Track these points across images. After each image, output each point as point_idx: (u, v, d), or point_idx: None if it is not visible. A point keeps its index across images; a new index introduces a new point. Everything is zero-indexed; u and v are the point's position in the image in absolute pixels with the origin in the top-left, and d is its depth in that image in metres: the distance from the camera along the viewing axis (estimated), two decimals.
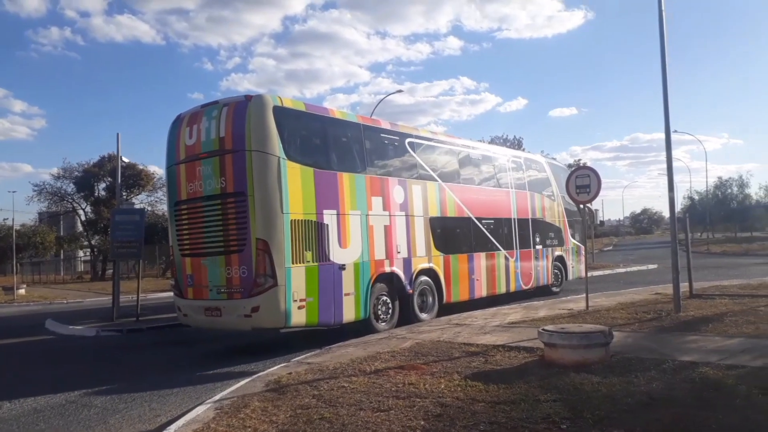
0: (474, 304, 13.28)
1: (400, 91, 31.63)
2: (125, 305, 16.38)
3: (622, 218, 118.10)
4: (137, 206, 36.52)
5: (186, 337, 12.06)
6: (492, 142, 45.77)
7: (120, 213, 15.18)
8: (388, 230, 11.12)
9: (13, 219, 36.21)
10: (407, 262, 11.49)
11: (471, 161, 14.26)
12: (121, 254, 14.81)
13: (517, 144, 48.07)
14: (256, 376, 7.34)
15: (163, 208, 40.29)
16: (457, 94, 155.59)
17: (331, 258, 9.81)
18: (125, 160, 27.84)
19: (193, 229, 9.84)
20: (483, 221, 13.97)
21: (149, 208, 40.73)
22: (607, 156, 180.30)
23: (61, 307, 20.66)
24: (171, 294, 11.13)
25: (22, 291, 26.26)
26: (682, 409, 4.90)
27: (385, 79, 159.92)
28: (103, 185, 41.56)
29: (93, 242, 42.51)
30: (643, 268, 26.35)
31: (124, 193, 39.04)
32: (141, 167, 41.32)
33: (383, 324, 10.78)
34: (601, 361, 6.50)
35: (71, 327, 13.82)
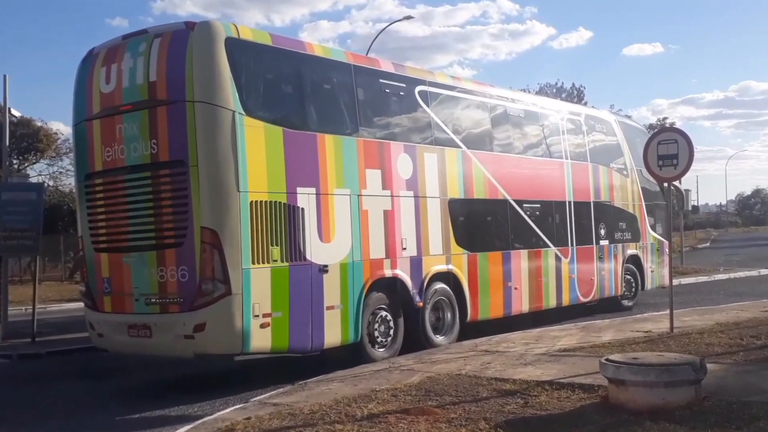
0: (511, 322, 13.32)
1: (409, 17, 31.24)
2: (16, 320, 16.42)
3: (724, 203, 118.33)
4: (33, 179, 36.59)
5: (102, 366, 12.09)
6: (541, 92, 45.72)
7: (8, 189, 15.18)
8: (389, 217, 11.13)
9: None
10: (416, 263, 11.52)
11: (509, 120, 14.23)
12: (10, 248, 14.82)
13: (576, 95, 47.96)
14: (200, 422, 7.35)
15: (69, 182, 40.31)
16: (492, 23, 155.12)
17: (308, 256, 9.83)
18: (16, 113, 27.78)
19: (112, 214, 9.83)
20: (525, 205, 13.97)
21: (50, 183, 40.81)
22: (704, 113, 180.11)
23: None
24: (81, 305, 11.16)
25: None
26: None
27: (389, 0, 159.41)
28: None
29: None
30: (754, 273, 26.37)
31: (14, 161, 39.05)
32: (39, 124, 41.35)
33: (382, 350, 10.83)
34: (689, 405, 6.52)
35: None
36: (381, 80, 11.68)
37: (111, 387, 10.60)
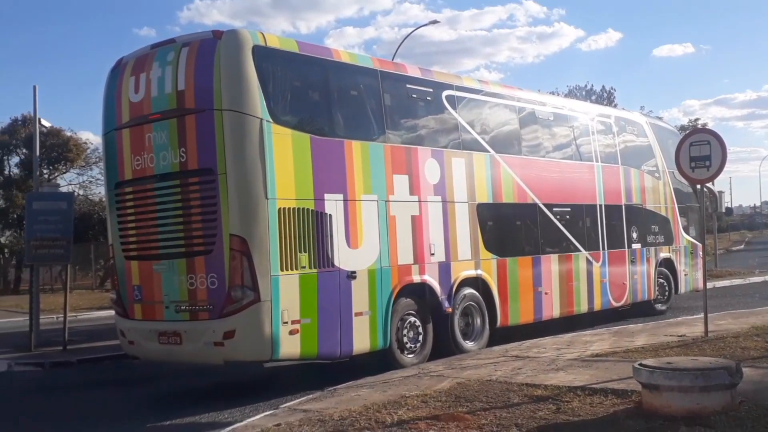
0: (541, 328, 13.28)
1: (435, 22, 31.47)
2: (48, 328, 16.65)
3: (758, 204, 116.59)
4: (64, 189, 37.03)
5: (133, 374, 12.26)
6: (570, 94, 45.56)
7: (39, 199, 15.40)
8: (416, 223, 11.15)
9: None
10: (445, 269, 11.52)
11: (538, 122, 14.21)
12: (41, 257, 15.02)
13: (606, 97, 47.75)
14: (230, 428, 7.42)
15: (99, 191, 40.81)
16: (520, 26, 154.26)
17: (336, 262, 9.88)
18: (46, 123, 28.09)
19: (142, 222, 9.96)
20: (555, 209, 13.92)
21: (80, 192, 41.24)
22: (737, 114, 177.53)
23: None
24: (111, 313, 11.30)
25: None
26: None
27: (415, 5, 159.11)
28: (15, 159, 42.22)
29: (2, 240, 43.30)
30: None
31: (45, 171, 39.57)
32: (69, 134, 41.76)
33: (411, 356, 10.85)
34: (724, 410, 6.46)
35: None
36: (408, 85, 11.71)
37: (142, 394, 10.74)
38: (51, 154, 40.41)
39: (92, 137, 43.91)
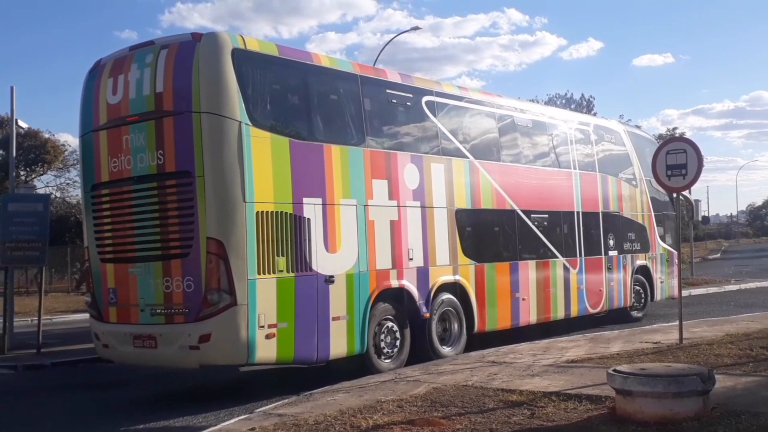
0: (518, 333, 13.33)
1: (417, 28, 31.39)
2: (22, 331, 16.50)
3: (734, 213, 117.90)
4: (41, 191, 36.76)
5: (107, 377, 12.17)
6: (550, 102, 45.82)
7: (15, 200, 15.25)
8: (395, 228, 11.17)
9: None
10: (423, 274, 11.54)
11: (517, 130, 14.27)
12: (16, 259, 14.88)
13: (586, 106, 48.02)
14: None
15: (77, 193, 40.56)
16: (502, 34, 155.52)
17: (314, 267, 9.87)
18: (23, 125, 27.93)
19: (118, 224, 9.89)
20: (533, 216, 13.99)
21: (57, 194, 41.00)
22: (714, 124, 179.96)
23: None
24: (87, 316, 11.21)
25: None
26: None
27: (398, 12, 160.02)
28: None
29: None
30: (764, 284, 26.21)
31: (21, 173, 39.28)
32: (46, 136, 41.54)
33: (388, 361, 10.84)
34: (697, 416, 6.52)
35: None
36: (388, 90, 11.74)
37: (116, 398, 10.65)
38: (28, 155, 40.17)
39: (71, 139, 43.64)
